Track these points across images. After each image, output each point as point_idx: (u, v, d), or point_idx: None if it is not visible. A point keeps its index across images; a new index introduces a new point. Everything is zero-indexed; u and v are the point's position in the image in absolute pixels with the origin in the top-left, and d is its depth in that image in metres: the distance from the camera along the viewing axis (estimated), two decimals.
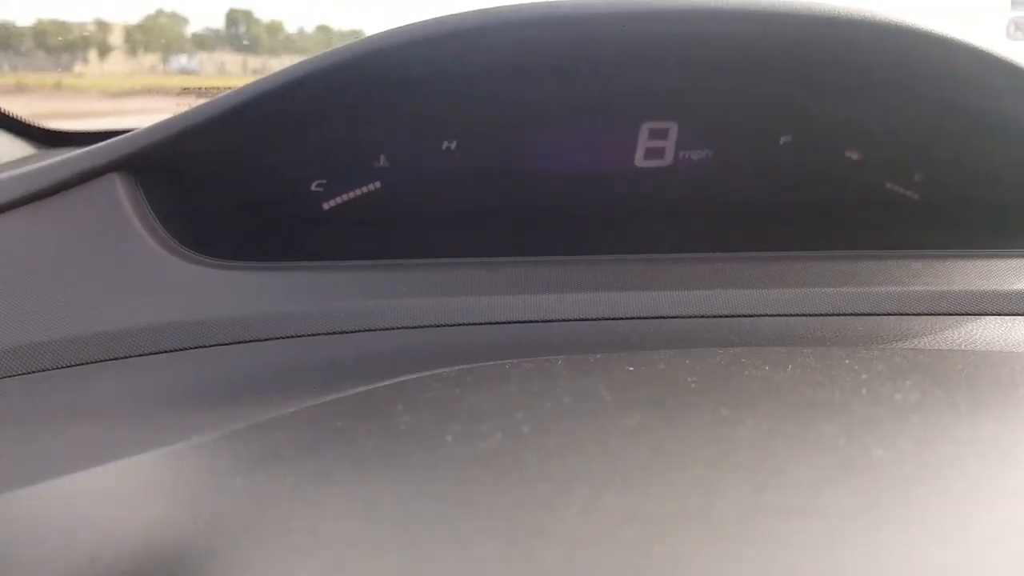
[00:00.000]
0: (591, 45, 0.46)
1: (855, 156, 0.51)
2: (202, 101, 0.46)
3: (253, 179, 0.48)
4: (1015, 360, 0.32)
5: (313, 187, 0.49)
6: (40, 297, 0.40)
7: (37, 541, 0.20)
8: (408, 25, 0.43)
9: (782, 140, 0.50)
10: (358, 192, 0.50)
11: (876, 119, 0.50)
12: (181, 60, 1.67)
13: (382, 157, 0.49)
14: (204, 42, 1.71)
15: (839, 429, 0.22)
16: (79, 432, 0.33)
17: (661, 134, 0.50)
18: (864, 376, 0.28)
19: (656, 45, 0.46)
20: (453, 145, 0.49)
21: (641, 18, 0.44)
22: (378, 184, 0.50)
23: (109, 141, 0.44)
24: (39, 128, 0.70)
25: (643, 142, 0.49)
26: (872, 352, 0.32)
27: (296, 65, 0.44)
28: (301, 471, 0.22)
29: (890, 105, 0.49)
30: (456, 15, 0.43)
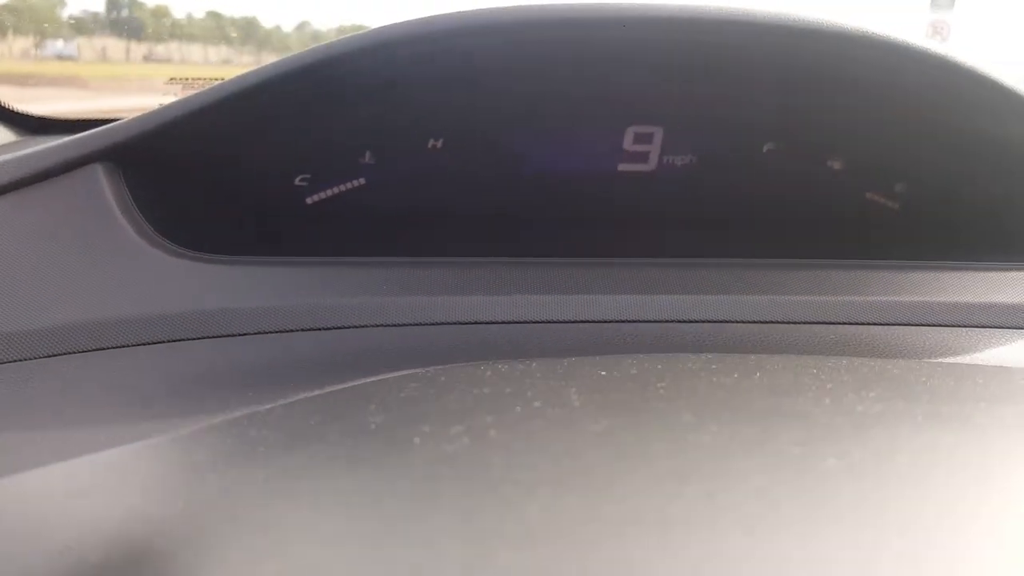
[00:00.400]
0: (579, 49, 0.47)
1: (837, 165, 0.52)
2: (188, 93, 0.46)
3: (237, 172, 0.48)
4: (982, 373, 0.33)
5: (297, 181, 0.50)
6: (19, 286, 0.40)
7: (7, 533, 0.20)
8: (398, 23, 0.44)
9: (765, 148, 0.51)
10: (342, 188, 0.50)
11: (858, 130, 0.51)
12: (57, 45, 1.58)
13: (367, 153, 0.50)
14: (82, 26, 1.62)
15: (797, 438, 0.23)
16: (54, 423, 0.34)
17: (646, 138, 0.50)
18: (829, 386, 0.28)
19: (643, 50, 0.47)
20: (439, 144, 0.50)
21: (629, 23, 0.45)
22: (363, 180, 0.50)
23: (93, 131, 0.44)
24: (22, 114, 0.69)
25: (628, 146, 0.50)
26: (840, 362, 0.32)
27: (282, 60, 0.44)
28: (272, 468, 0.22)
29: (872, 116, 0.50)
30: (445, 15, 0.44)
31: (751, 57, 0.47)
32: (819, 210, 0.52)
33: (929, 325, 0.46)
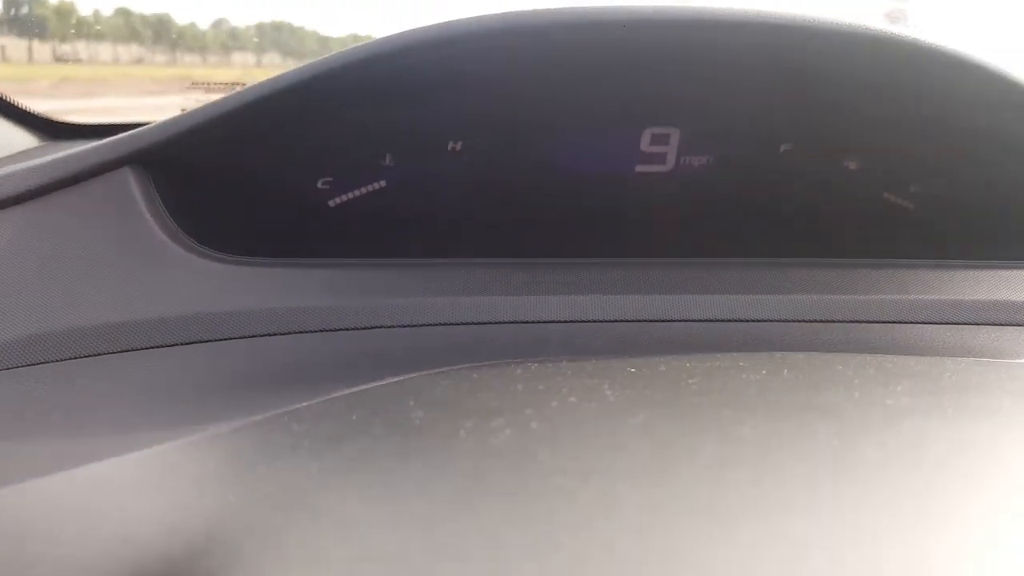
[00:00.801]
0: (596, 51, 0.47)
1: (853, 166, 0.52)
2: (211, 97, 0.47)
3: (261, 175, 0.49)
4: (1005, 368, 0.34)
5: (320, 184, 0.51)
6: (52, 288, 0.42)
7: (55, 531, 0.20)
8: (417, 29, 0.45)
9: (782, 148, 0.52)
10: (363, 190, 0.51)
11: (874, 130, 0.51)
12: None
13: (388, 156, 0.51)
14: None
15: (833, 430, 0.24)
16: (96, 422, 0.35)
17: (663, 139, 0.51)
18: (856, 381, 0.29)
19: (660, 52, 0.48)
20: (459, 146, 0.51)
21: (646, 25, 0.46)
22: (383, 183, 0.51)
23: (122, 135, 0.45)
24: (45, 119, 0.71)
25: (645, 147, 0.51)
26: (865, 358, 0.33)
27: (305, 66, 0.45)
28: (323, 461, 0.23)
29: (888, 117, 0.51)
30: (464, 20, 0.45)
31: (766, 59, 0.48)
32: (836, 210, 0.53)
33: (947, 323, 0.46)
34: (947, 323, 0.46)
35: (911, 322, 0.46)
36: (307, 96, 0.46)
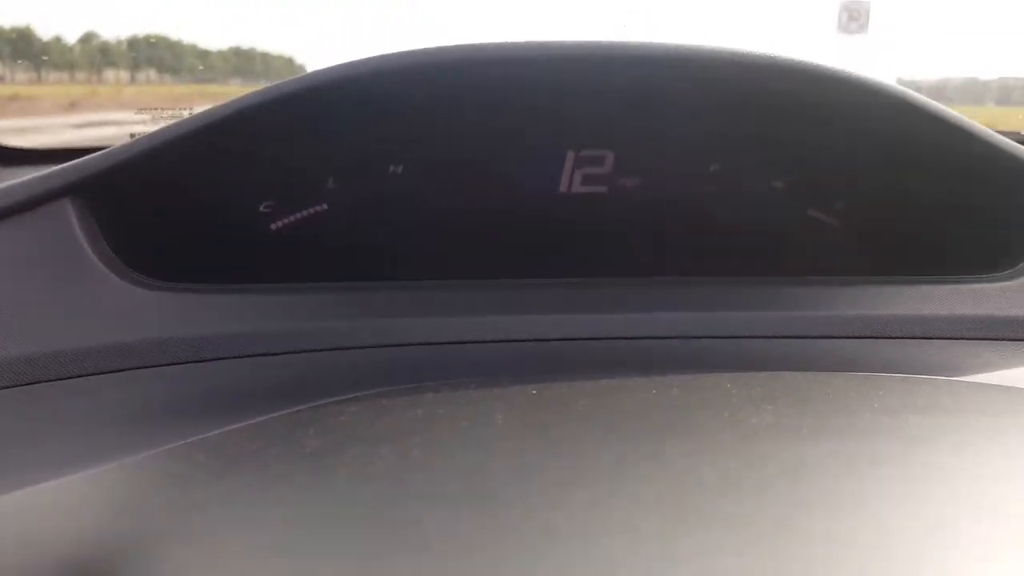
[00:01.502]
0: (532, 83, 0.50)
1: (779, 184, 0.55)
2: (157, 124, 0.49)
3: (203, 202, 0.51)
4: (927, 384, 0.36)
5: (261, 208, 0.52)
6: None
7: None
8: (356, 61, 0.47)
9: (712, 168, 0.55)
10: (305, 213, 0.53)
11: (798, 151, 0.54)
12: None
13: (330, 179, 0.53)
14: None
15: (686, 451, 0.26)
16: (9, 453, 0.36)
17: (598, 161, 0.54)
18: (735, 399, 0.31)
19: (591, 82, 0.50)
20: (400, 169, 0.53)
21: (578, 62, 0.48)
22: (325, 206, 0.53)
23: (62, 166, 0.46)
24: None
25: (581, 169, 0.53)
26: (756, 375, 0.35)
27: (246, 96, 0.47)
28: (212, 491, 0.25)
29: (811, 138, 0.54)
30: (403, 53, 0.47)
31: (694, 89, 0.51)
32: (764, 227, 0.56)
33: (870, 338, 0.49)
34: (871, 337, 0.49)
35: (833, 337, 0.49)
36: (249, 124, 0.48)
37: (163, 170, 0.48)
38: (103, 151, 0.47)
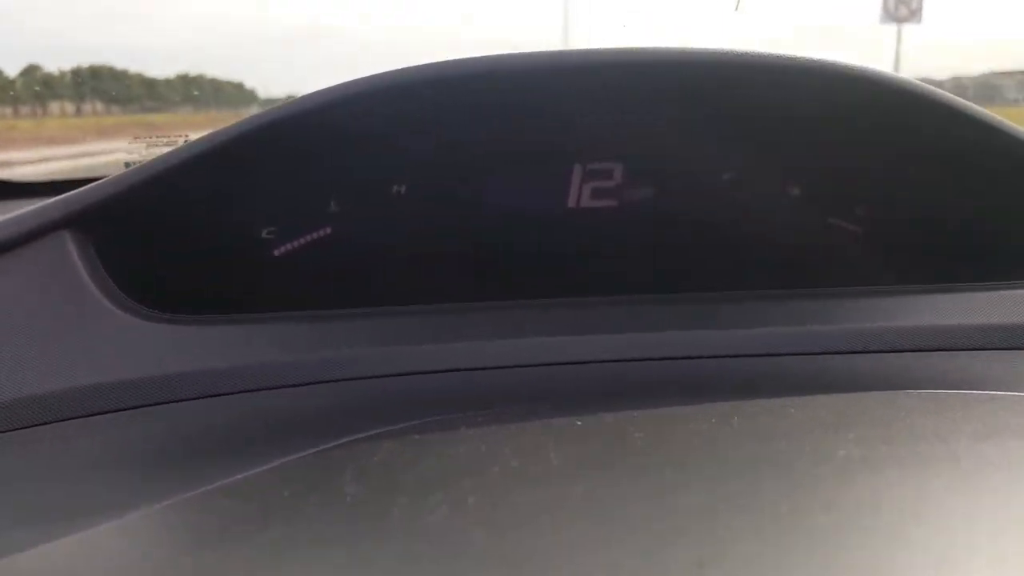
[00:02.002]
0: (537, 94, 0.49)
1: (796, 191, 0.54)
2: (152, 152, 0.48)
3: (204, 231, 0.50)
4: (959, 400, 0.34)
5: (264, 234, 0.52)
6: None
7: None
8: (356, 80, 0.46)
9: (725, 176, 0.53)
10: (308, 238, 0.52)
11: (816, 156, 0.53)
12: None
13: (332, 202, 0.52)
14: None
15: (784, 492, 0.24)
16: (17, 499, 0.35)
17: (607, 174, 0.52)
18: (808, 426, 0.29)
19: (596, 92, 0.49)
20: (403, 189, 0.52)
21: (582, 71, 0.47)
22: (328, 229, 0.52)
23: (59, 198, 0.46)
24: None
25: (589, 182, 0.52)
26: (816, 398, 0.33)
27: (243, 120, 0.46)
28: (249, 546, 0.23)
29: (829, 143, 0.52)
30: (405, 69, 0.47)
31: (704, 94, 0.50)
32: (781, 237, 0.54)
33: (898, 351, 0.47)
34: (900, 351, 0.47)
35: (866, 351, 0.47)
36: (247, 149, 0.47)
37: (162, 199, 0.47)
38: (100, 181, 0.47)
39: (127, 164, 0.52)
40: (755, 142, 0.52)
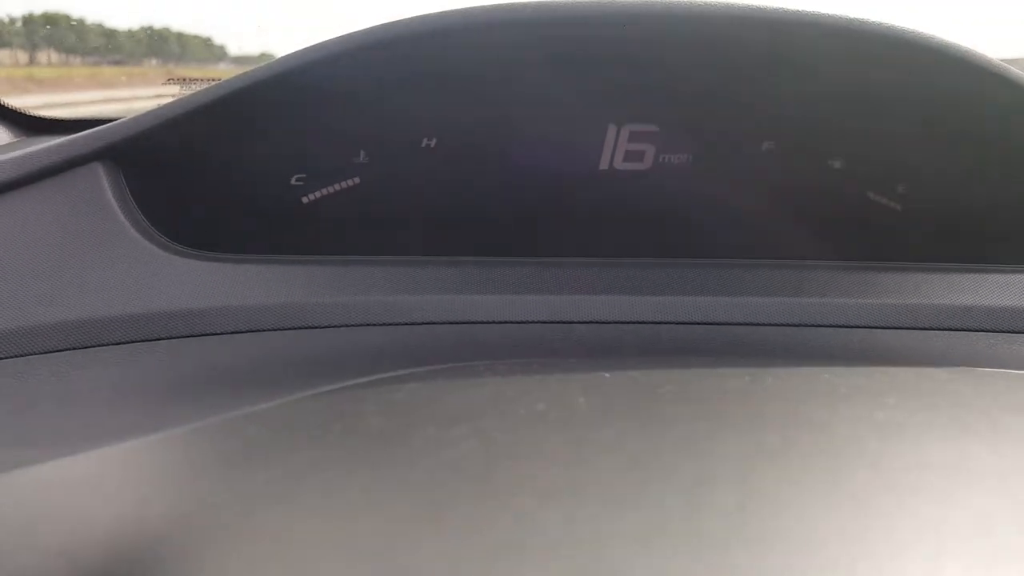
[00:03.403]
0: (571, 46, 0.49)
1: (838, 164, 0.54)
2: (186, 91, 0.49)
3: (234, 171, 0.51)
4: (999, 379, 0.34)
5: (293, 181, 0.52)
6: (20, 283, 0.43)
7: (4, 532, 0.21)
8: (389, 23, 0.46)
9: (764, 146, 0.53)
10: (337, 187, 0.53)
11: (860, 128, 0.52)
12: None
13: (362, 152, 0.52)
14: None
15: (821, 449, 0.23)
16: (51, 419, 0.36)
17: (641, 137, 0.52)
18: (843, 391, 0.29)
19: (638, 47, 0.49)
20: (433, 142, 0.52)
21: (624, 20, 0.47)
22: (357, 179, 0.53)
23: (92, 130, 0.47)
24: (22, 114, 0.73)
25: (623, 145, 0.52)
26: (851, 368, 0.33)
27: (277, 60, 0.47)
28: (273, 470, 0.23)
29: (874, 114, 0.52)
30: (444, 13, 0.46)
31: (747, 54, 0.49)
32: (820, 210, 0.54)
33: (935, 329, 0.47)
34: (937, 329, 0.47)
35: (898, 327, 0.47)
36: (280, 91, 0.48)
37: (192, 137, 0.48)
38: (134, 116, 0.47)
39: (158, 104, 0.53)
40: (799, 111, 0.52)
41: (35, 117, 0.72)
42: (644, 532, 0.18)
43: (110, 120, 0.49)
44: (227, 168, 0.51)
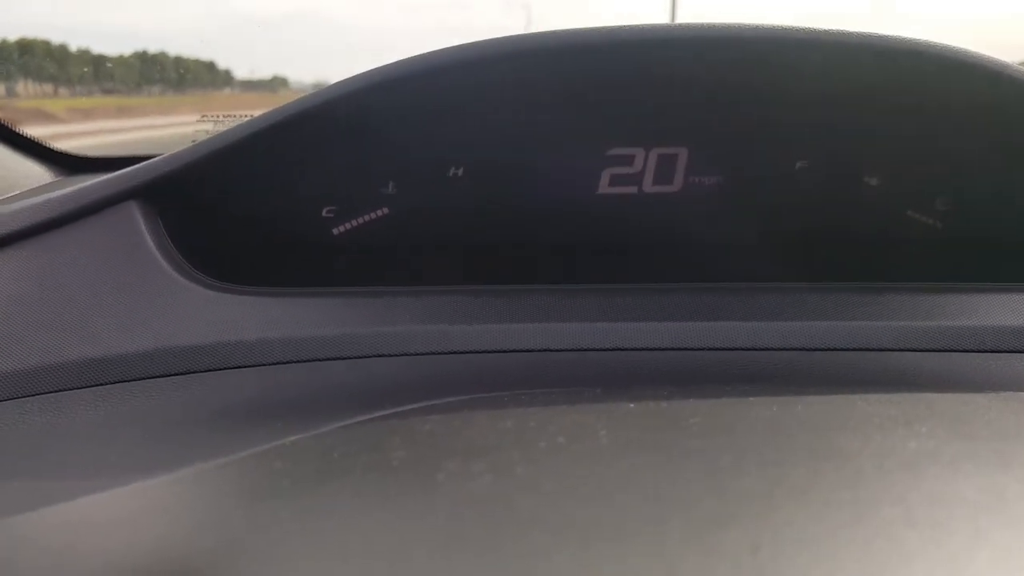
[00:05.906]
0: (602, 72, 0.50)
1: (874, 182, 0.54)
2: (218, 129, 0.52)
3: (266, 206, 0.53)
4: None
5: (324, 213, 0.54)
6: (58, 320, 0.46)
7: (35, 568, 0.21)
8: (414, 57, 0.48)
9: (798, 165, 0.54)
10: (367, 218, 0.55)
11: (897, 144, 0.53)
12: None
13: (391, 183, 0.54)
14: None
15: (847, 482, 0.23)
16: (87, 455, 0.38)
17: (670, 159, 0.53)
18: (876, 421, 0.29)
19: (667, 71, 0.50)
20: (460, 172, 0.54)
21: (651, 47, 0.48)
22: (386, 210, 0.55)
23: (128, 169, 0.50)
24: (62, 153, 0.77)
25: (651, 167, 0.53)
26: (887, 394, 0.33)
27: (305, 97, 0.49)
28: (299, 504, 0.24)
29: (912, 129, 0.52)
30: (471, 45, 0.48)
31: (777, 74, 0.50)
32: (857, 229, 0.54)
33: (976, 351, 0.46)
34: (978, 351, 0.46)
35: (941, 350, 0.46)
36: (310, 127, 0.50)
37: (226, 173, 0.51)
38: (168, 155, 0.50)
39: (193, 142, 0.55)
40: (833, 128, 0.52)
41: (77, 156, 0.76)
42: (655, 571, 0.19)
43: (148, 157, 0.52)
44: (259, 203, 0.53)
